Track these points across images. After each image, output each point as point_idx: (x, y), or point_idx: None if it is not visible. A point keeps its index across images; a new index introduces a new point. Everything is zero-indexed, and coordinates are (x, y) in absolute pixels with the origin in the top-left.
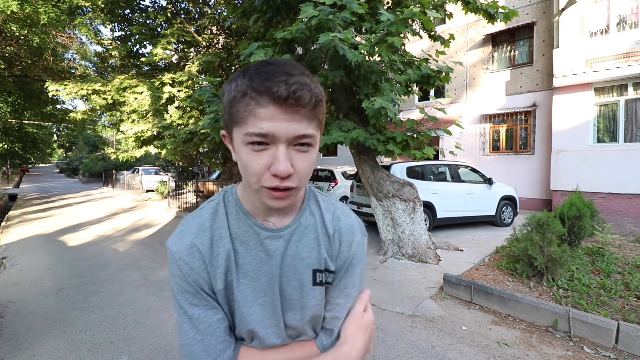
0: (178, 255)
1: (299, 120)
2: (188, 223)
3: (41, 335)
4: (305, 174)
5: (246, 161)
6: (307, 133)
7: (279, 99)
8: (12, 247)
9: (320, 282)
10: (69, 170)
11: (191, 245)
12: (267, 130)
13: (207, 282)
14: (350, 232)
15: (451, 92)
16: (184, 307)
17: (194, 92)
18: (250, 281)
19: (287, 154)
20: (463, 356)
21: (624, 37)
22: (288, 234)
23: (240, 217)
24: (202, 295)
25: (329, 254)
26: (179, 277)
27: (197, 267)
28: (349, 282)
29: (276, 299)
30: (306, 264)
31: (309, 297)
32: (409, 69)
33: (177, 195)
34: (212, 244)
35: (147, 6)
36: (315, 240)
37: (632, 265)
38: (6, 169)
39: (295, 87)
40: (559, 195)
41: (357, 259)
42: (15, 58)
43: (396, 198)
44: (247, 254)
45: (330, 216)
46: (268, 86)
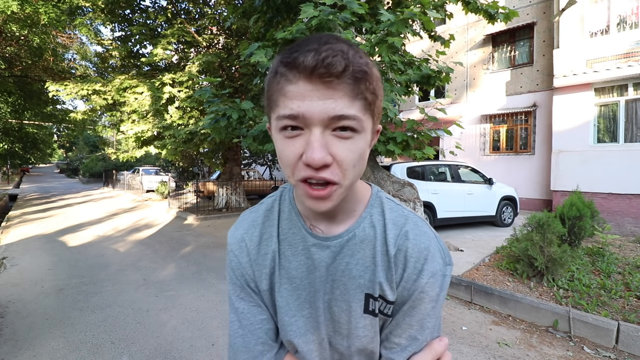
0: (230, 247)
1: (336, 96)
2: (244, 216)
3: (41, 335)
4: (350, 166)
5: (279, 151)
6: (347, 113)
7: (305, 69)
8: (12, 247)
9: (372, 311)
10: (69, 170)
11: (241, 239)
12: (297, 111)
13: (252, 278)
14: (421, 257)
15: (451, 92)
16: (232, 298)
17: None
18: (294, 288)
19: (322, 139)
20: (463, 356)
21: (624, 37)
22: (337, 245)
23: (292, 217)
24: (247, 290)
25: (387, 279)
26: (230, 268)
27: (244, 262)
28: (414, 321)
29: (320, 314)
30: (357, 285)
31: (358, 325)
32: (409, 69)
33: (177, 195)
34: (260, 242)
35: (147, 6)
36: (371, 259)
37: (632, 265)
38: (6, 169)
39: (325, 53)
40: (559, 195)
41: (428, 294)
42: (15, 58)
43: (396, 198)
44: (293, 258)
45: (397, 231)
46: (295, 57)
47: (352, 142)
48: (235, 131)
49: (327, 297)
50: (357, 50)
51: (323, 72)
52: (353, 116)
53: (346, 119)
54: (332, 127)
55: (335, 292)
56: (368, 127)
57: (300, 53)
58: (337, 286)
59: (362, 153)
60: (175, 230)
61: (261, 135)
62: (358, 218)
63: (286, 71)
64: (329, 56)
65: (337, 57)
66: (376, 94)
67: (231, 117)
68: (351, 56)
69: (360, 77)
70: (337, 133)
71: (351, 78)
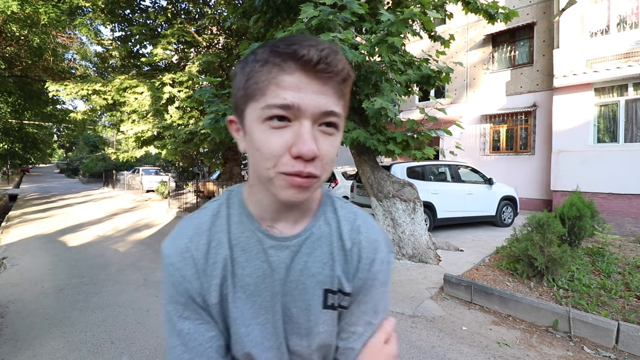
0: (170, 260)
1: (328, 93)
2: (185, 224)
3: (41, 335)
4: (330, 162)
5: (260, 141)
6: (336, 110)
7: (308, 63)
8: (12, 247)
9: (331, 305)
10: (69, 170)
11: (184, 250)
12: (291, 101)
13: (199, 292)
14: (373, 247)
15: (451, 92)
16: (173, 320)
17: (194, 92)
18: (249, 296)
19: (312, 132)
20: (463, 356)
21: (624, 37)
22: (296, 244)
23: (243, 221)
24: (193, 307)
25: (344, 272)
26: (170, 284)
27: (189, 275)
28: (368, 308)
29: (277, 318)
30: (316, 282)
31: (318, 322)
32: (409, 69)
33: (177, 195)
34: (208, 250)
35: (147, 6)
36: (328, 255)
37: (632, 265)
38: (6, 169)
39: (327, 51)
40: (559, 195)
41: (379, 279)
42: (15, 58)
43: (396, 198)
44: (247, 263)
45: (349, 226)
46: (295, 49)
47: (333, 139)
48: None
49: (285, 298)
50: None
51: (324, 68)
52: (338, 113)
53: (334, 115)
54: (320, 121)
55: (294, 292)
56: (343, 126)
57: (301, 47)
58: (295, 286)
59: (338, 150)
60: None
61: None
62: (313, 217)
63: (282, 62)
64: (331, 54)
65: (338, 56)
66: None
67: None
68: (342, 57)
69: (347, 78)
70: (322, 128)
71: (340, 77)
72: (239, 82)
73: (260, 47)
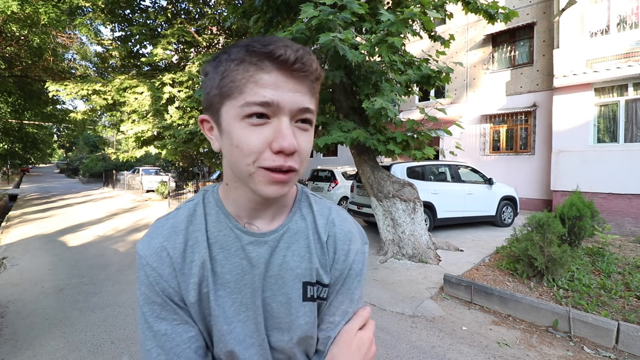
0: (145, 260)
1: (304, 91)
2: (160, 224)
3: (41, 335)
4: (306, 156)
5: (240, 138)
6: (310, 107)
7: (285, 63)
8: (12, 247)
9: (311, 297)
10: (69, 170)
11: (160, 249)
12: (271, 99)
13: (177, 292)
14: (347, 239)
15: (451, 92)
16: (149, 321)
17: (194, 92)
18: (229, 293)
19: (290, 128)
20: (463, 356)
21: (624, 37)
22: (274, 240)
23: (221, 219)
24: (170, 307)
25: (321, 264)
26: (145, 284)
27: (166, 274)
28: (345, 297)
29: (259, 314)
30: (295, 275)
31: (298, 314)
32: (409, 69)
33: (177, 195)
34: (185, 249)
35: (147, 6)
36: (305, 248)
37: (632, 265)
38: (6, 169)
39: (301, 52)
40: (559, 195)
41: (354, 269)
42: (15, 58)
43: (396, 198)
44: (226, 261)
45: (324, 220)
46: (272, 49)
47: (308, 134)
48: None
49: (265, 294)
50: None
51: (299, 67)
52: (313, 110)
53: (308, 112)
54: (296, 118)
55: (274, 287)
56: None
57: (277, 47)
58: (274, 281)
59: (311, 145)
60: None
61: None
62: (289, 213)
63: (258, 61)
64: (305, 55)
65: (311, 57)
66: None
67: None
68: (316, 58)
69: (319, 78)
70: (298, 124)
71: (313, 77)
72: (212, 80)
73: (232, 46)
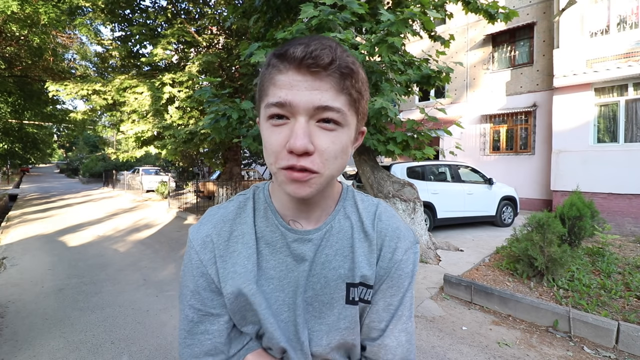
0: (192, 244)
1: (322, 88)
2: (212, 212)
3: (41, 335)
4: (330, 157)
5: (265, 139)
6: (332, 105)
7: (294, 59)
8: (12, 247)
9: (353, 300)
10: (69, 170)
11: (206, 235)
12: (285, 99)
13: (213, 279)
14: (395, 235)
15: (451, 92)
16: (184, 304)
17: (194, 92)
18: (273, 290)
19: (306, 128)
20: (463, 356)
21: (624, 37)
22: (317, 238)
23: (268, 215)
24: (206, 294)
25: (368, 262)
26: (190, 268)
27: (207, 260)
28: (395, 300)
29: (299, 314)
30: (338, 275)
31: (340, 317)
32: (409, 69)
33: (177, 195)
34: (229, 238)
35: (147, 6)
36: (349, 248)
37: (632, 265)
38: (6, 169)
39: (314, 47)
40: (559, 195)
41: (402, 269)
42: (15, 58)
43: (396, 198)
44: (271, 257)
45: (370, 217)
46: (287, 49)
47: (335, 135)
48: (235, 131)
49: (308, 294)
50: (344, 50)
51: (311, 63)
52: (337, 109)
53: (330, 110)
54: (317, 117)
55: (316, 286)
56: (352, 123)
57: (292, 46)
58: (317, 280)
59: (344, 147)
60: (175, 230)
61: None
62: (332, 212)
63: (277, 62)
64: (317, 49)
65: (325, 50)
66: (361, 94)
67: (231, 117)
68: (339, 52)
69: (346, 72)
70: (321, 124)
71: (337, 72)
72: (258, 84)
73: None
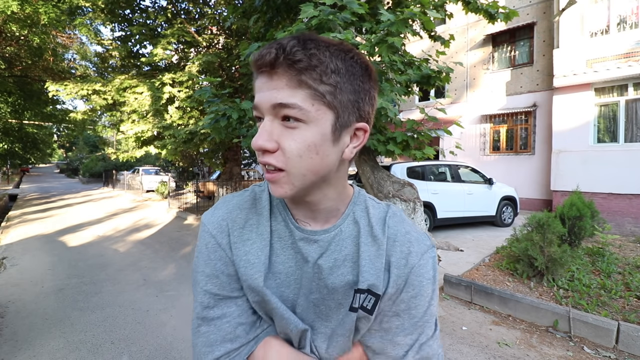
0: (207, 227)
1: (280, 86)
2: (227, 199)
3: (41, 335)
4: (294, 156)
5: None
6: (287, 102)
7: (255, 63)
8: (12, 247)
9: (354, 308)
10: (69, 170)
11: (222, 220)
12: (256, 101)
13: (230, 261)
14: (406, 240)
15: (451, 92)
16: (197, 290)
17: (194, 92)
18: (278, 285)
19: (269, 127)
20: (463, 356)
21: (624, 37)
22: (325, 240)
23: (280, 210)
24: (224, 277)
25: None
26: (204, 252)
27: (224, 244)
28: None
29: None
30: (346, 282)
31: (341, 323)
32: (409, 69)
33: (177, 195)
34: (244, 226)
35: (147, 6)
36: (356, 253)
37: (632, 265)
38: (6, 169)
39: (266, 49)
40: (559, 195)
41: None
42: (15, 58)
43: (396, 198)
44: (281, 251)
45: (381, 223)
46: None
47: (297, 132)
48: (235, 131)
49: (315, 296)
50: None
51: (260, 64)
52: (293, 105)
53: (286, 107)
54: (280, 116)
55: (324, 291)
56: (323, 118)
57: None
58: (325, 284)
59: (312, 145)
60: (175, 230)
61: None
62: (342, 216)
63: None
64: (265, 49)
65: (272, 49)
66: (336, 86)
67: (231, 117)
68: (289, 48)
69: (302, 66)
70: (284, 122)
71: (291, 68)
72: None
73: None
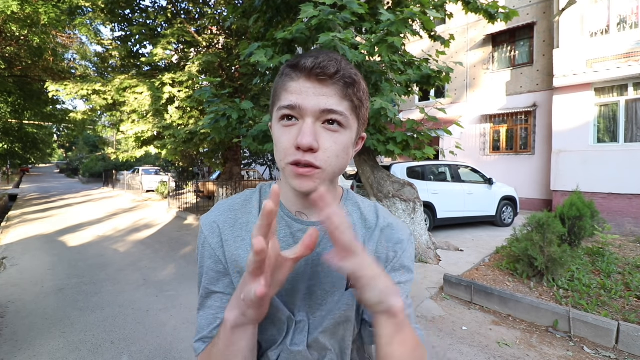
0: (202, 229)
1: (328, 94)
2: (221, 203)
3: (41, 335)
4: (332, 155)
5: (276, 138)
6: (336, 109)
7: (305, 69)
8: (12, 247)
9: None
10: (69, 170)
11: (213, 221)
12: (295, 102)
13: (222, 260)
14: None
15: (451, 92)
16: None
17: (194, 92)
18: None
19: (312, 128)
20: (463, 356)
21: (624, 37)
22: (322, 229)
23: None
24: (213, 274)
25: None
26: (200, 251)
27: (214, 244)
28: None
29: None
30: None
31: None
32: (409, 69)
33: (177, 195)
34: (234, 224)
35: (147, 6)
36: None
37: (632, 265)
38: (6, 169)
39: (322, 58)
40: (559, 195)
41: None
42: (15, 58)
43: (396, 198)
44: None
45: (372, 214)
46: (299, 59)
47: (338, 135)
48: (235, 131)
49: (312, 282)
50: (349, 63)
51: (319, 72)
52: (341, 112)
53: (335, 113)
54: (323, 119)
55: (320, 275)
56: (354, 127)
57: (303, 58)
58: (321, 269)
59: (346, 147)
60: (175, 230)
61: (261, 135)
62: None
63: (290, 72)
64: (325, 61)
65: (332, 62)
66: (362, 102)
67: (231, 117)
68: (343, 64)
69: (349, 82)
70: (326, 126)
71: (342, 81)
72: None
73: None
